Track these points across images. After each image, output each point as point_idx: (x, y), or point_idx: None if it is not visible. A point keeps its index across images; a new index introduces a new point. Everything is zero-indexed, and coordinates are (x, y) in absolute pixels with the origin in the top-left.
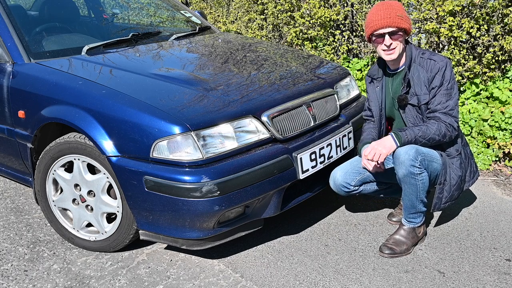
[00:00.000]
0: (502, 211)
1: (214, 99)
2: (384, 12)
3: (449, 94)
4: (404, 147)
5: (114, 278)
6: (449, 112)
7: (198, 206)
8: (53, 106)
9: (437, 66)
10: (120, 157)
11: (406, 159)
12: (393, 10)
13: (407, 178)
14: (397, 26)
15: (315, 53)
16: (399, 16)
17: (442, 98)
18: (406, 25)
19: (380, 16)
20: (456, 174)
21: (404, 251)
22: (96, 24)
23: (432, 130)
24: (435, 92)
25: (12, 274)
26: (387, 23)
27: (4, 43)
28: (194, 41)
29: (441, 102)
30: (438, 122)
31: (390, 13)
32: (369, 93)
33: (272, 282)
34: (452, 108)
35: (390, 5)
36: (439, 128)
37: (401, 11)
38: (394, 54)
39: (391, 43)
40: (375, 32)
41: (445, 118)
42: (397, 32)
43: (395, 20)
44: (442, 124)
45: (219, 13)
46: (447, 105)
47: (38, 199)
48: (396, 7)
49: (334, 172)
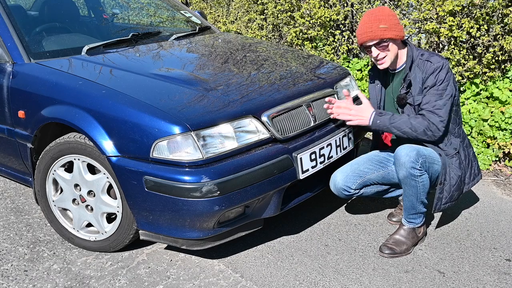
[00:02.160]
0: (502, 211)
1: (214, 99)
2: (367, 25)
3: (440, 95)
4: (405, 148)
5: (114, 278)
6: (435, 111)
7: (198, 206)
8: (53, 106)
9: (432, 68)
10: (120, 157)
11: (407, 161)
12: (376, 22)
13: (407, 180)
14: (380, 38)
15: (315, 53)
16: (382, 28)
17: (432, 97)
18: (391, 34)
19: (363, 30)
20: (455, 174)
21: (404, 251)
22: (96, 24)
23: (409, 124)
24: (426, 92)
25: (12, 274)
26: (369, 36)
27: (4, 43)
28: (194, 41)
29: (429, 101)
30: (422, 118)
31: (371, 26)
32: (370, 90)
33: (272, 282)
34: (439, 108)
35: (374, 16)
36: (419, 123)
37: (385, 21)
38: (385, 64)
39: (378, 54)
40: (363, 45)
41: (429, 115)
42: (381, 43)
43: (377, 33)
44: (425, 122)
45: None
46: (434, 104)
47: (38, 199)
48: (380, 17)
49: (334, 175)
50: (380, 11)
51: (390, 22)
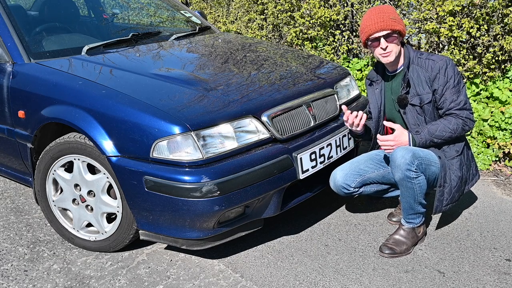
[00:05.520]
0: (502, 211)
1: (214, 99)
2: (377, 16)
3: (458, 90)
4: (401, 151)
5: (114, 278)
6: (464, 107)
7: (198, 206)
8: (53, 106)
9: (437, 66)
10: (120, 157)
11: (402, 163)
12: (386, 13)
13: (403, 182)
14: (391, 29)
15: (315, 53)
16: (392, 19)
17: (453, 96)
18: (400, 27)
19: (374, 20)
20: (456, 175)
21: (404, 251)
22: (96, 24)
23: (448, 129)
24: (442, 92)
25: (12, 274)
26: (381, 26)
27: (4, 43)
28: (194, 41)
29: (453, 100)
30: (456, 118)
31: (383, 17)
32: (369, 95)
33: (272, 282)
34: (464, 102)
35: (382, 9)
36: (456, 124)
37: (394, 14)
38: (390, 57)
39: (387, 46)
40: (370, 37)
41: (460, 112)
42: (391, 34)
43: (388, 23)
44: (460, 120)
45: (219, 13)
46: (459, 101)
47: (38, 199)
48: (388, 11)
49: (334, 173)
50: (385, 6)
51: (397, 16)
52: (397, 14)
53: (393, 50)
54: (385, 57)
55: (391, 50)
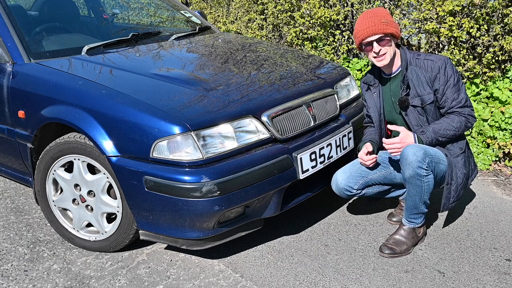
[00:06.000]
0: (502, 211)
1: (214, 99)
2: (369, 20)
3: (458, 88)
4: (412, 148)
5: (114, 278)
6: (465, 104)
7: (198, 206)
8: (53, 106)
9: (436, 66)
10: (120, 157)
11: (414, 160)
12: (377, 17)
13: (413, 179)
14: (383, 32)
15: (315, 53)
16: (384, 22)
17: (454, 94)
18: (392, 30)
19: (366, 25)
20: (461, 172)
21: (404, 251)
22: (96, 24)
23: (452, 127)
24: (443, 91)
25: (12, 274)
26: (373, 31)
27: (4, 43)
28: (194, 41)
29: (455, 99)
30: (458, 116)
31: (374, 21)
32: (367, 100)
33: (272, 282)
34: (466, 100)
35: (374, 13)
36: (459, 122)
37: (386, 17)
38: (385, 60)
39: (380, 49)
40: (363, 41)
41: (462, 110)
42: (384, 38)
43: (380, 27)
44: (462, 117)
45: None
46: (460, 98)
47: (38, 199)
48: (381, 14)
49: (336, 175)
50: (377, 10)
51: (389, 19)
52: (390, 17)
53: (387, 53)
54: (379, 61)
55: (384, 53)
